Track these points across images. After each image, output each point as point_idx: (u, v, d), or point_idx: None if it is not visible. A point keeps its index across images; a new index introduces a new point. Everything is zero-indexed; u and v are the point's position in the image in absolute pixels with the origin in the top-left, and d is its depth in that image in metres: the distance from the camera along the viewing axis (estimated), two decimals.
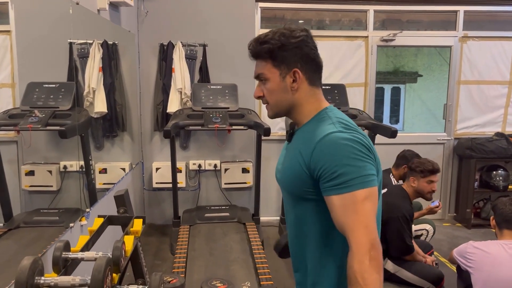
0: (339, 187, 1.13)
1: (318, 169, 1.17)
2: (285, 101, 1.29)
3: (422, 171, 2.88)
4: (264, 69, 1.28)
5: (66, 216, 2.64)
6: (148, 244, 4.30)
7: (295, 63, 1.25)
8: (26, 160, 2.57)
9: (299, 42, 1.25)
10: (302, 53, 1.25)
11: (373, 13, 4.85)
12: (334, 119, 1.23)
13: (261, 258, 3.37)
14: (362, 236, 1.11)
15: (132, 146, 4.47)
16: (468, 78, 5.04)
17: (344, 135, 1.16)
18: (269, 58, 1.26)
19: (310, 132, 1.24)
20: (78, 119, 2.82)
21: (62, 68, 3.03)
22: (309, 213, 1.26)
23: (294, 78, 1.26)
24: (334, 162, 1.14)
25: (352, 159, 1.14)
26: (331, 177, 1.14)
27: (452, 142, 5.12)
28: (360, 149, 1.16)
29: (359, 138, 1.17)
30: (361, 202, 1.13)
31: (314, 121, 1.27)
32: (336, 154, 1.14)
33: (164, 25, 4.61)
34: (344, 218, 1.14)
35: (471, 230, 4.83)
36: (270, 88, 1.28)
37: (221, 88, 4.41)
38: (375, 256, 1.11)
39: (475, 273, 2.31)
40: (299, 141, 1.28)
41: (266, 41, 1.25)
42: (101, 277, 1.16)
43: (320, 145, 1.17)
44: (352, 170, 1.13)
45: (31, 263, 1.12)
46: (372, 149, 1.20)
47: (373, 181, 1.16)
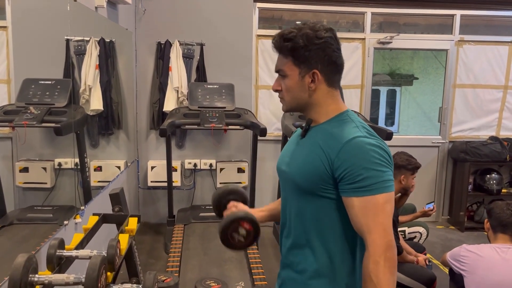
0: (361, 190, 1.17)
1: (343, 170, 1.19)
2: (301, 99, 1.30)
3: (413, 168, 2.96)
4: (285, 66, 1.29)
5: (60, 214, 2.63)
6: (142, 242, 4.29)
7: (315, 64, 1.26)
8: (20, 157, 2.56)
9: (322, 44, 1.25)
10: (324, 54, 1.26)
11: (370, 16, 4.87)
12: (358, 123, 1.26)
13: (255, 258, 3.37)
14: (380, 238, 1.15)
15: (128, 144, 4.46)
16: (464, 82, 5.07)
17: (370, 140, 1.20)
18: (290, 56, 1.27)
19: (333, 131, 1.25)
20: (73, 116, 2.81)
21: (59, 65, 3.02)
22: (318, 208, 1.27)
23: (313, 78, 1.27)
24: (359, 165, 1.17)
25: (376, 164, 1.18)
26: (355, 179, 1.17)
27: (446, 145, 5.15)
28: (384, 155, 1.20)
29: (383, 145, 1.22)
30: (382, 205, 1.17)
31: (335, 122, 1.29)
32: (362, 158, 1.17)
33: (161, 24, 4.61)
34: (363, 219, 1.18)
35: (464, 233, 4.85)
36: (288, 85, 1.29)
37: (218, 87, 4.41)
38: (390, 257, 1.15)
39: (468, 276, 2.32)
40: (318, 137, 1.28)
41: (290, 38, 1.25)
42: (96, 275, 1.15)
43: (347, 146, 1.19)
44: (376, 175, 1.17)
45: (25, 261, 1.12)
46: (391, 157, 1.24)
47: (392, 187, 1.21)
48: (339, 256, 1.27)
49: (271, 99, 4.80)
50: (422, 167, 3.20)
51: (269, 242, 4.40)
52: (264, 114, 4.87)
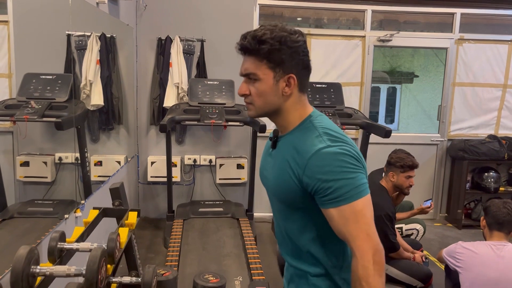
0: (336, 201, 1.15)
1: (313, 185, 1.17)
2: (272, 105, 1.25)
3: (402, 166, 2.91)
4: (257, 69, 1.22)
5: (61, 208, 2.65)
6: (142, 237, 4.32)
7: (291, 68, 1.21)
8: (21, 151, 2.58)
9: (298, 47, 1.21)
10: (299, 58, 1.22)
11: (370, 13, 4.88)
12: (320, 130, 1.22)
13: (254, 253, 3.40)
14: (365, 243, 1.15)
15: (128, 140, 4.48)
16: (463, 80, 5.08)
17: (333, 149, 1.16)
18: (265, 59, 1.20)
19: (297, 145, 1.22)
20: (74, 111, 2.82)
21: (60, 60, 3.03)
22: (304, 221, 1.28)
23: (288, 83, 1.23)
24: (328, 178, 1.15)
25: (344, 173, 1.15)
26: (326, 192, 1.16)
27: (445, 143, 5.17)
28: (350, 161, 1.17)
29: (347, 150, 1.18)
30: (360, 211, 1.16)
31: (299, 130, 1.26)
32: (328, 171, 1.15)
33: (162, 20, 4.62)
34: (345, 228, 1.17)
35: (461, 231, 4.88)
36: (260, 89, 1.23)
37: (218, 83, 4.43)
38: (378, 261, 1.15)
39: (463, 272, 2.35)
40: (285, 151, 1.26)
41: (265, 40, 1.19)
42: (96, 267, 1.18)
43: (311, 161, 1.17)
44: (346, 183, 1.15)
45: (27, 253, 1.14)
46: (360, 158, 1.21)
47: (366, 190, 1.19)
48: (333, 257, 1.29)
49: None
50: (421, 164, 3.20)
51: (267, 237, 4.43)
52: None
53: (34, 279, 1.18)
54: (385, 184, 2.97)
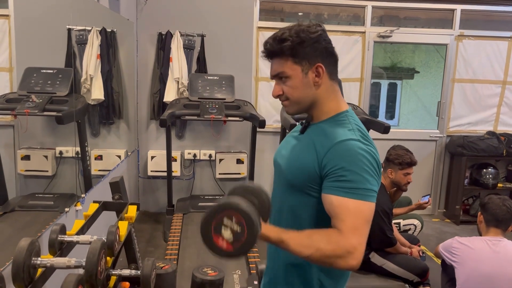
0: (343, 190, 1.16)
1: (329, 167, 1.19)
2: (308, 97, 1.28)
3: (401, 163, 2.92)
4: (284, 67, 1.26)
5: (61, 201, 2.67)
6: (142, 231, 4.35)
7: (316, 58, 1.25)
8: (22, 145, 2.60)
9: (318, 37, 1.25)
10: (322, 47, 1.25)
11: (371, 9, 4.88)
12: (354, 125, 1.25)
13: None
14: (353, 237, 1.13)
15: (128, 134, 4.50)
16: (463, 77, 5.09)
17: (362, 146, 1.19)
18: (289, 56, 1.24)
19: (328, 131, 1.25)
20: (75, 105, 2.84)
21: (60, 54, 3.05)
22: (302, 206, 1.28)
23: (317, 73, 1.26)
24: (346, 167, 1.16)
25: (363, 170, 1.17)
26: (339, 178, 1.17)
27: (444, 139, 5.19)
28: (373, 164, 1.19)
29: (374, 152, 1.21)
30: (362, 211, 1.16)
31: (332, 121, 1.28)
32: (350, 160, 1.17)
33: (163, 14, 4.62)
34: (342, 216, 1.15)
35: (459, 226, 4.91)
36: (292, 85, 1.27)
37: (218, 79, 4.44)
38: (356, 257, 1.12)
39: (459, 267, 2.37)
40: (314, 135, 1.29)
41: (285, 38, 1.23)
42: (96, 259, 1.20)
43: (338, 146, 1.19)
44: (361, 180, 1.16)
45: (29, 244, 1.17)
46: (380, 166, 1.23)
47: (373, 198, 1.19)
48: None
49: (271, 91, 4.83)
50: (419, 160, 3.21)
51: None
52: (264, 106, 4.90)
53: (35, 270, 1.21)
54: (383, 180, 3.00)
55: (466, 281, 2.32)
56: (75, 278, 1.08)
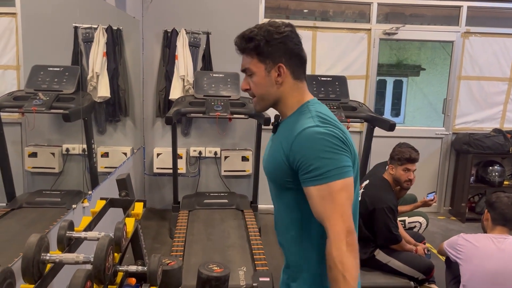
0: (315, 179, 1.20)
1: (296, 161, 1.23)
2: (270, 94, 1.34)
3: (400, 159, 2.93)
4: (250, 64, 1.33)
5: (68, 198, 2.69)
6: (148, 228, 4.38)
7: (279, 58, 1.30)
8: (29, 142, 2.63)
9: (284, 38, 1.29)
10: (286, 48, 1.30)
11: (376, 6, 4.87)
12: (314, 112, 1.29)
13: (258, 244, 3.44)
14: (339, 224, 1.18)
15: (134, 131, 4.52)
16: (469, 74, 5.07)
17: (319, 129, 1.22)
18: (254, 54, 1.31)
19: (291, 125, 1.30)
20: (81, 103, 2.86)
21: (67, 52, 3.07)
22: (289, 201, 1.33)
23: (279, 72, 1.31)
24: (310, 156, 1.21)
25: (327, 152, 1.20)
26: (308, 169, 1.21)
27: (450, 137, 5.17)
28: (335, 142, 1.21)
29: (334, 131, 1.23)
30: (337, 192, 1.19)
31: (296, 114, 1.33)
32: (311, 148, 1.21)
33: (168, 12, 4.63)
34: (321, 207, 1.21)
35: (465, 224, 4.90)
36: (256, 82, 1.34)
37: (223, 76, 4.45)
38: (351, 242, 1.18)
39: (464, 264, 2.38)
40: (281, 133, 1.34)
41: (251, 37, 1.30)
42: (104, 255, 1.21)
43: (298, 138, 1.24)
44: (328, 163, 1.19)
45: (38, 240, 1.18)
46: (347, 142, 1.25)
47: (348, 172, 1.22)
48: (309, 246, 1.33)
49: None
50: (425, 158, 3.21)
51: (271, 229, 4.45)
52: None
53: (44, 266, 1.22)
54: (388, 177, 3.00)
55: (471, 278, 2.32)
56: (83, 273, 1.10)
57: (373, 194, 2.89)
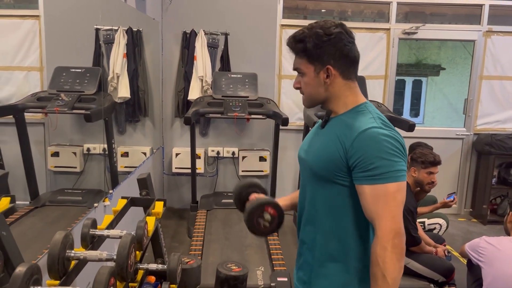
0: (373, 178, 1.22)
1: (356, 158, 1.24)
2: (318, 94, 1.36)
3: (423, 162, 2.88)
4: (301, 64, 1.36)
5: (89, 197, 2.73)
6: (167, 227, 4.42)
7: (327, 60, 1.31)
8: (52, 142, 2.68)
9: (332, 40, 1.30)
10: (335, 50, 1.30)
11: (396, 6, 4.82)
12: (375, 114, 1.31)
13: (275, 244, 3.44)
14: (389, 224, 1.21)
15: (153, 132, 4.57)
16: (491, 73, 4.98)
17: (384, 131, 1.25)
18: (304, 55, 1.33)
19: (349, 122, 1.30)
20: (102, 103, 2.90)
21: (88, 53, 3.12)
22: (333, 195, 1.33)
23: (327, 74, 1.32)
24: (372, 155, 1.22)
25: (388, 154, 1.22)
26: (367, 167, 1.23)
27: (471, 138, 5.09)
28: (397, 145, 1.25)
29: (397, 136, 1.26)
30: (392, 194, 1.22)
31: (353, 113, 1.33)
32: (375, 148, 1.23)
33: (187, 13, 4.67)
34: (374, 206, 1.23)
35: (486, 226, 4.81)
36: (306, 82, 1.36)
37: (241, 77, 4.46)
38: (397, 244, 1.20)
39: (485, 267, 2.34)
40: (337, 127, 1.33)
41: (301, 39, 1.32)
42: (126, 252, 1.24)
43: (362, 136, 1.24)
44: (387, 164, 1.22)
45: (63, 237, 1.21)
46: (405, 148, 1.29)
47: (403, 176, 1.25)
48: (350, 241, 1.33)
49: (294, 89, 4.82)
50: (445, 159, 3.16)
51: (289, 229, 4.47)
52: (287, 103, 4.90)
53: (69, 262, 1.26)
54: (407, 179, 2.96)
55: (492, 281, 2.28)
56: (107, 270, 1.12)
57: None
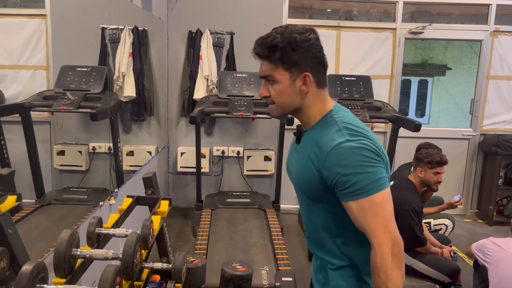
0: (355, 194, 1.18)
1: (332, 178, 1.20)
2: (292, 103, 1.29)
3: (430, 162, 2.87)
4: (273, 71, 1.26)
5: (94, 195, 2.74)
6: (171, 226, 4.43)
7: (305, 66, 1.24)
8: (57, 140, 2.69)
9: (309, 46, 1.24)
10: (312, 56, 1.25)
11: (402, 5, 4.80)
12: (340, 124, 1.24)
13: (280, 244, 3.44)
14: (383, 236, 1.17)
15: (159, 131, 4.58)
16: (498, 74, 4.95)
17: (351, 144, 1.19)
18: (279, 61, 1.24)
19: (318, 139, 1.26)
20: (108, 102, 2.91)
21: (94, 52, 3.13)
22: (326, 213, 1.31)
23: (304, 81, 1.26)
24: (346, 172, 1.18)
25: (362, 167, 1.17)
26: (345, 185, 1.19)
27: (477, 138, 5.06)
28: (369, 155, 1.19)
29: (366, 144, 1.20)
30: (378, 205, 1.18)
31: (320, 125, 1.29)
32: (347, 165, 1.18)
33: (193, 13, 4.68)
34: (364, 220, 1.19)
35: (492, 227, 4.79)
36: (278, 90, 1.27)
37: (246, 76, 4.46)
38: (396, 253, 1.17)
39: (492, 268, 2.33)
40: (308, 145, 1.30)
41: (275, 45, 1.23)
42: (132, 251, 1.24)
43: (330, 155, 1.20)
44: (365, 177, 1.17)
45: (69, 236, 1.21)
46: (380, 152, 1.22)
47: (385, 184, 1.20)
48: (353, 250, 1.31)
49: None
50: (451, 159, 3.15)
51: (294, 229, 4.46)
52: None
53: (75, 261, 1.26)
54: (413, 179, 2.95)
55: (499, 283, 2.27)
56: (114, 268, 1.12)
57: (397, 196, 2.84)
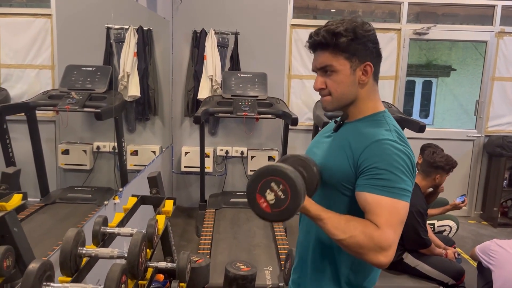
0: (378, 188, 1.16)
1: (365, 165, 1.18)
2: (351, 94, 1.26)
3: (450, 168, 2.94)
4: (334, 61, 1.23)
5: (98, 195, 2.75)
6: (175, 225, 4.43)
7: (366, 56, 1.24)
8: (62, 139, 2.70)
9: (370, 36, 1.24)
10: (373, 46, 1.25)
11: (407, 6, 4.79)
12: (392, 126, 1.25)
13: (284, 244, 3.44)
14: (387, 234, 1.13)
15: (163, 130, 4.59)
16: (503, 75, 4.92)
17: (399, 146, 1.19)
18: (341, 51, 1.22)
19: (364, 130, 1.24)
20: (113, 102, 2.92)
21: (99, 52, 3.14)
22: (336, 204, 1.27)
23: (365, 71, 1.24)
24: (382, 165, 1.16)
25: (399, 170, 1.16)
26: (374, 176, 1.16)
27: (482, 139, 5.04)
28: (409, 165, 1.19)
29: (410, 154, 1.21)
30: (397, 209, 1.15)
31: (369, 120, 1.27)
32: (387, 160, 1.16)
33: (197, 13, 4.68)
34: (377, 215, 1.15)
35: (497, 229, 4.77)
36: (338, 80, 1.25)
37: (251, 76, 4.47)
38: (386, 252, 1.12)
39: (496, 270, 2.32)
40: (349, 134, 1.27)
41: (339, 33, 1.21)
42: (138, 250, 1.24)
43: (375, 145, 1.19)
44: (395, 179, 1.16)
45: (75, 234, 1.22)
46: (414, 167, 1.22)
47: (408, 197, 1.18)
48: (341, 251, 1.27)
49: (303, 89, 4.81)
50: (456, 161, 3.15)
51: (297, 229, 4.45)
52: (296, 103, 4.89)
53: (80, 259, 1.26)
54: (419, 181, 2.95)
55: (503, 285, 2.26)
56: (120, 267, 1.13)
57: None
